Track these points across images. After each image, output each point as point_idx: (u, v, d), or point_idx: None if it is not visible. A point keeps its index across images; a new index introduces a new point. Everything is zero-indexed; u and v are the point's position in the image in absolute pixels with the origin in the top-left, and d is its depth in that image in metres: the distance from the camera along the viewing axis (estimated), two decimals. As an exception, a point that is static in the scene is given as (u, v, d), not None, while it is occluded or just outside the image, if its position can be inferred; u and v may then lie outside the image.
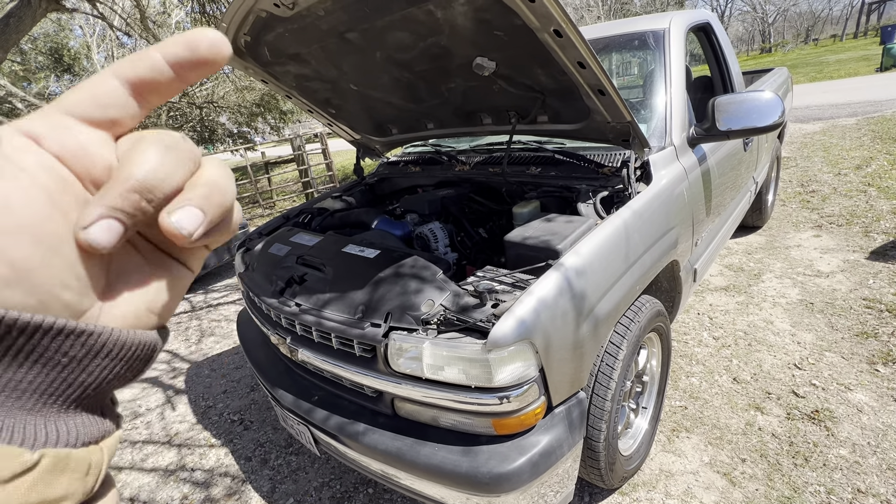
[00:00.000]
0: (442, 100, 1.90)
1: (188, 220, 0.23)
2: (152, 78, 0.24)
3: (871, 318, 2.51)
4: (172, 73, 0.24)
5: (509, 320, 1.14)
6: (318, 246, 1.77)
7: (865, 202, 3.98)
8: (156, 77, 0.24)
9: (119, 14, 6.75)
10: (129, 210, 0.22)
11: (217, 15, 5.53)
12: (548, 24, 1.18)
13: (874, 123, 6.56)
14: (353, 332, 1.34)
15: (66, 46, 12.40)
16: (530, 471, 1.21)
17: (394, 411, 1.42)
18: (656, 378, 1.93)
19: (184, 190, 0.24)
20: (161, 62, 0.23)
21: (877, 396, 2.01)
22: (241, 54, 1.81)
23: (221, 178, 0.25)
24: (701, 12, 2.56)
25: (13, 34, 3.84)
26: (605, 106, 1.48)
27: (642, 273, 1.55)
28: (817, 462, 1.76)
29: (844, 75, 13.08)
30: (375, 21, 1.45)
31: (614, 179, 1.69)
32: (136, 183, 0.22)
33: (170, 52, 0.24)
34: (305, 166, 8.14)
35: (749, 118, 1.77)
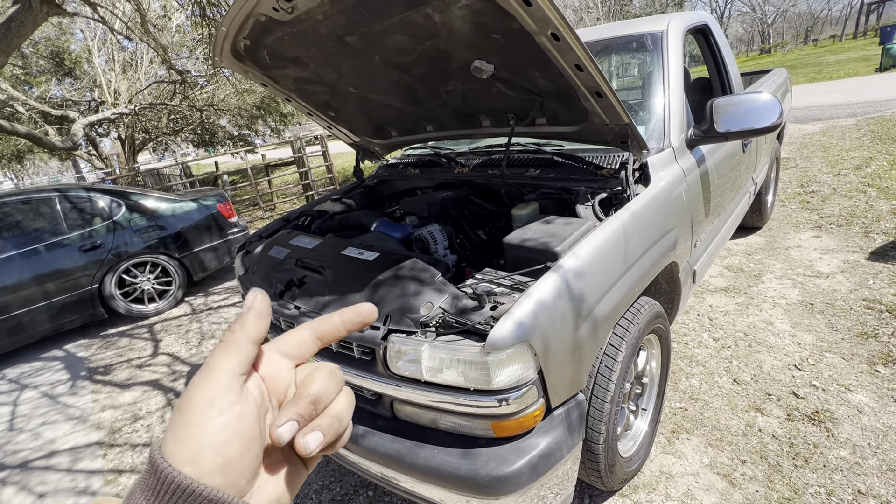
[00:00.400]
0: (441, 102, 1.90)
1: (314, 441, 0.32)
2: (332, 333, 0.37)
3: (871, 319, 2.50)
4: (345, 329, 0.38)
5: (508, 322, 1.14)
6: (317, 248, 1.77)
7: (865, 202, 3.98)
8: (335, 333, 0.37)
9: (120, 18, 6.77)
10: (305, 415, 0.32)
11: (217, 18, 5.54)
12: (545, 28, 1.19)
13: (874, 124, 6.56)
14: (353, 334, 1.35)
15: (67, 50, 12.42)
16: (529, 473, 1.21)
17: (393, 414, 1.42)
18: (656, 380, 1.93)
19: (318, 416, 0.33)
20: (340, 325, 0.37)
21: (877, 397, 2.01)
22: (241, 58, 1.81)
23: (344, 410, 0.35)
24: (699, 14, 2.56)
25: (14, 38, 3.85)
26: (602, 108, 1.48)
27: (641, 274, 1.55)
28: (818, 463, 1.76)
29: (844, 76, 13.09)
30: (374, 24, 1.45)
31: (613, 181, 1.69)
32: (312, 397, 0.33)
33: (346, 318, 0.38)
34: (305, 169, 8.15)
35: (747, 120, 1.78)
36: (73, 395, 3.32)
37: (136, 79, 11.83)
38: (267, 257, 1.93)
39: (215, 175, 12.12)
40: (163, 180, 11.23)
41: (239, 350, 0.32)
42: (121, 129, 11.70)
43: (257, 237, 2.23)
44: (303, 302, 1.56)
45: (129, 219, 4.31)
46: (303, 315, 1.51)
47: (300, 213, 2.36)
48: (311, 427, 0.32)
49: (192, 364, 3.39)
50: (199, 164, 21.84)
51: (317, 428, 0.32)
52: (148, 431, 2.70)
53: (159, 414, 2.85)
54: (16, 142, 13.36)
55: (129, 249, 4.23)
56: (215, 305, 4.44)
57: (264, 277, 1.83)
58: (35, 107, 9.83)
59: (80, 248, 4.04)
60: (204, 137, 15.04)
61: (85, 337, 4.31)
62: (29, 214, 4.04)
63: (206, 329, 3.94)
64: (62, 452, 2.69)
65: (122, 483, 2.33)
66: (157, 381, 3.26)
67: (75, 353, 4.01)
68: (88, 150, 12.03)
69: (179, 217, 4.54)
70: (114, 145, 13.34)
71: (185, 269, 4.57)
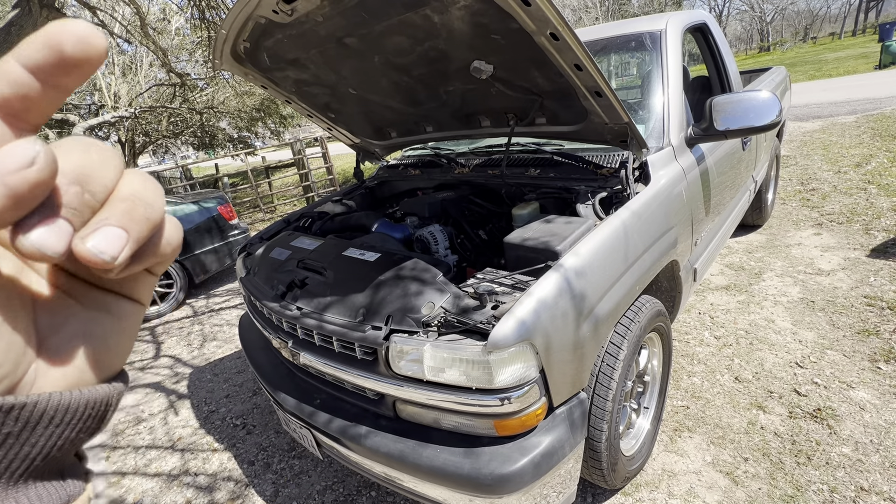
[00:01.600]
0: (440, 103, 1.91)
1: (107, 242, 0.20)
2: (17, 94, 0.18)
3: (872, 316, 2.50)
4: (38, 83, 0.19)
5: (509, 322, 1.15)
6: (318, 250, 1.78)
7: (865, 200, 3.98)
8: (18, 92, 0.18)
9: (119, 21, 6.78)
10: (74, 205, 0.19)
11: (216, 21, 5.56)
12: (544, 28, 1.19)
13: (873, 121, 6.56)
14: (355, 334, 1.35)
15: (66, 54, 12.44)
16: (532, 472, 1.21)
17: (395, 414, 1.43)
18: (658, 378, 1.93)
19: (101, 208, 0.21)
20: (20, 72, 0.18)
21: (879, 394, 2.01)
22: (241, 60, 1.82)
23: (145, 189, 0.22)
24: (698, 13, 2.57)
25: (14, 42, 3.87)
26: (602, 107, 1.48)
27: (642, 273, 1.56)
28: (820, 460, 1.76)
29: (843, 73, 13.08)
30: (373, 26, 1.46)
31: (613, 180, 1.69)
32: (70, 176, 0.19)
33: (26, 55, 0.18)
34: (306, 170, 8.16)
35: (746, 118, 1.78)
36: (76, 397, 3.32)
37: (136, 82, 11.85)
38: (268, 259, 1.93)
39: (216, 177, 12.13)
40: (163, 183, 11.25)
41: None
42: (121, 132, 11.72)
43: (258, 239, 2.23)
44: (304, 303, 1.56)
45: (130, 222, 4.32)
46: (305, 316, 1.52)
47: (301, 215, 2.37)
48: (96, 222, 0.20)
49: (194, 366, 3.39)
50: (200, 166, 21.87)
51: (105, 222, 0.20)
52: (150, 434, 2.71)
53: (162, 416, 2.86)
54: (16, 146, 13.35)
55: (131, 252, 4.23)
56: (217, 307, 4.45)
57: (266, 279, 1.83)
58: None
59: (81, 251, 4.04)
60: (204, 140, 15.06)
61: (87, 340, 4.31)
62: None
63: (208, 331, 3.94)
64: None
65: (125, 485, 2.33)
66: (159, 383, 3.27)
67: (77, 356, 4.01)
68: (89, 154, 12.04)
69: (180, 219, 4.52)
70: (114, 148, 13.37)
71: (186, 271, 4.57)
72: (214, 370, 3.26)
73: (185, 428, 2.69)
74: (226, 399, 2.88)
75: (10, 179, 0.17)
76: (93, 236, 0.20)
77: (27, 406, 0.20)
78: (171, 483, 2.29)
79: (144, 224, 0.21)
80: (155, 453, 2.53)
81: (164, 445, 2.58)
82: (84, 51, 0.19)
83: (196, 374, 3.26)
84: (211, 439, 2.54)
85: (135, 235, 0.21)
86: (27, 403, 0.20)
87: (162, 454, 2.51)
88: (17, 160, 0.17)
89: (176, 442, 2.59)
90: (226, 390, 2.98)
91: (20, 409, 0.20)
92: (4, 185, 0.17)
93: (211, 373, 3.24)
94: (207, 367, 3.33)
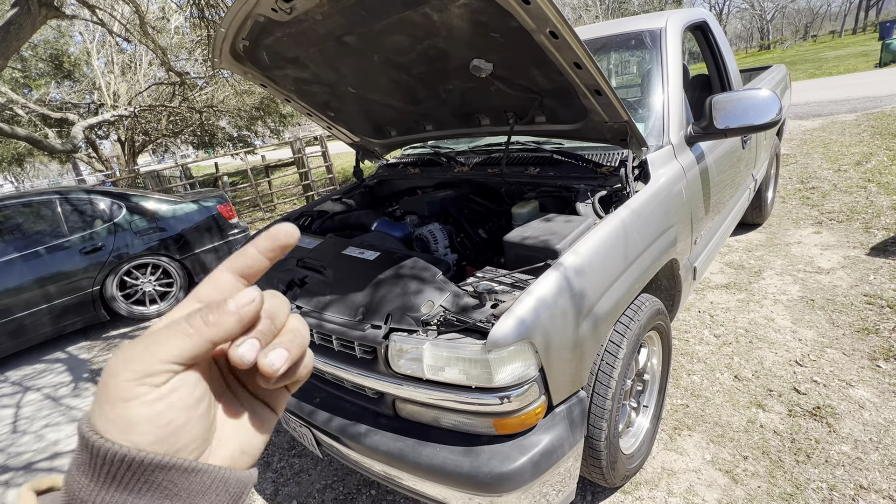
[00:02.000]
0: (440, 101, 1.90)
1: (277, 357, 0.30)
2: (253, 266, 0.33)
3: (871, 314, 2.51)
4: (265, 259, 0.33)
5: (509, 320, 1.15)
6: (318, 248, 1.78)
7: (865, 198, 3.98)
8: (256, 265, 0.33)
9: (118, 20, 6.77)
10: (265, 330, 0.30)
11: (216, 20, 5.55)
12: (543, 26, 1.19)
13: (874, 119, 6.55)
14: (354, 333, 1.35)
15: (66, 53, 12.43)
16: (532, 470, 1.21)
17: (395, 412, 1.43)
18: (657, 376, 1.94)
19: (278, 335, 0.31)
20: (257, 255, 0.33)
21: (878, 392, 2.01)
22: (240, 59, 1.82)
23: (302, 326, 0.33)
24: (697, 11, 2.57)
25: (13, 41, 3.86)
26: (601, 106, 1.48)
27: (641, 271, 1.56)
28: (819, 459, 1.76)
29: (843, 71, 13.07)
30: (373, 24, 1.46)
31: (612, 179, 1.69)
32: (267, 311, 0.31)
33: (261, 245, 0.33)
34: (305, 169, 8.16)
35: (746, 116, 1.78)
36: (76, 396, 3.33)
37: (136, 81, 11.84)
38: (268, 258, 1.93)
39: (215, 176, 12.13)
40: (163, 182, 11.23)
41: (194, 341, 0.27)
42: (120, 131, 11.72)
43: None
44: (304, 302, 1.56)
45: (129, 221, 4.32)
46: (304, 315, 1.52)
47: (301, 214, 2.37)
48: (273, 344, 0.30)
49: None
50: (199, 165, 21.85)
51: (279, 345, 0.30)
52: (151, 432, 2.71)
53: (162, 415, 2.86)
54: (16, 145, 13.38)
55: (130, 251, 4.24)
56: (217, 306, 4.45)
57: (265, 278, 1.83)
58: (35, 110, 9.84)
59: (81, 250, 4.04)
60: (204, 139, 15.05)
61: (87, 339, 4.32)
62: (30, 217, 4.04)
63: (208, 330, 3.94)
64: (65, 454, 2.69)
65: (126, 484, 2.34)
66: (159, 382, 3.27)
67: (77, 356, 4.01)
68: (88, 153, 12.04)
69: (180, 219, 4.55)
70: (114, 147, 13.36)
71: (186, 270, 4.57)
72: (214, 369, 3.26)
73: (185, 427, 2.69)
74: (226, 398, 2.88)
75: (243, 310, 0.29)
76: (270, 353, 0.30)
77: (207, 472, 0.27)
78: (171, 482, 2.29)
79: (298, 350, 0.32)
80: (155, 452, 2.53)
81: (164, 444, 2.58)
82: (288, 241, 0.33)
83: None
84: (211, 438, 2.54)
85: (292, 356, 0.31)
86: (207, 470, 0.27)
87: (162, 453, 2.51)
88: (248, 299, 0.30)
89: (176, 441, 2.59)
90: (226, 389, 2.98)
91: (204, 473, 0.27)
92: (240, 313, 0.29)
93: (211, 372, 3.24)
94: (207, 366, 3.33)
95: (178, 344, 0.27)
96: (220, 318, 0.28)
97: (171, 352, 0.27)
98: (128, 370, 0.26)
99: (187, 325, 0.28)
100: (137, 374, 0.26)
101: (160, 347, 0.27)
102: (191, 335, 0.27)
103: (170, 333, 0.27)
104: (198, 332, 0.27)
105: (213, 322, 0.28)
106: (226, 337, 0.28)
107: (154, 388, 0.26)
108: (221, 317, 0.28)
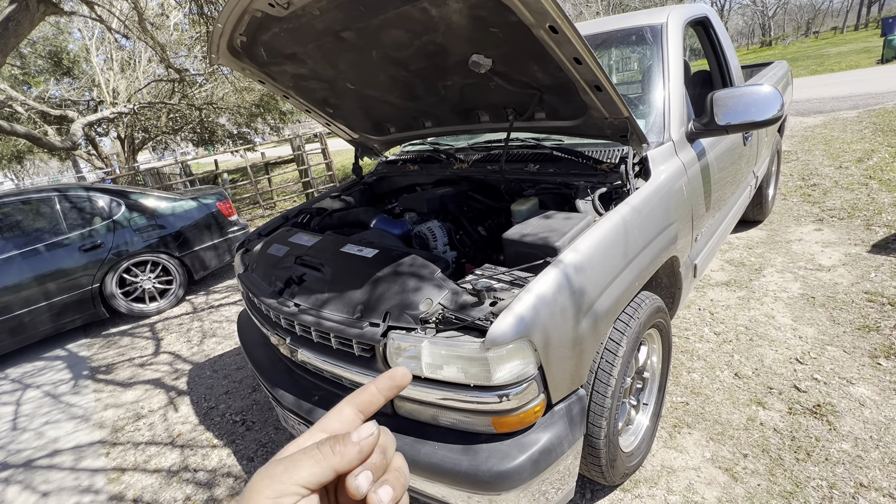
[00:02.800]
0: (439, 98, 1.89)
1: (386, 495, 0.32)
2: (373, 403, 0.38)
3: (872, 312, 2.50)
4: (383, 397, 0.38)
5: (507, 318, 1.14)
6: (316, 246, 1.77)
7: (867, 195, 3.97)
8: (375, 402, 0.38)
9: (117, 16, 6.74)
10: (378, 463, 0.33)
11: (215, 16, 5.52)
12: (543, 21, 1.18)
13: (875, 116, 6.52)
14: (352, 331, 1.34)
15: (65, 49, 12.38)
16: (531, 468, 1.21)
17: (393, 410, 1.42)
18: (657, 374, 1.93)
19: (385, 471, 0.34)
20: (378, 394, 0.38)
21: (879, 390, 2.00)
22: (238, 55, 1.80)
23: (405, 465, 0.36)
24: (699, 7, 2.55)
25: (12, 38, 3.84)
26: (602, 102, 1.47)
27: (641, 269, 1.55)
28: (819, 456, 1.76)
29: (845, 68, 13.01)
30: (371, 19, 1.44)
31: (612, 175, 1.68)
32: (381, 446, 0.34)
33: (382, 386, 0.39)
34: (305, 166, 8.15)
35: (748, 112, 1.76)
36: (76, 394, 3.33)
37: (135, 78, 11.80)
38: (266, 255, 1.93)
39: (215, 174, 12.11)
40: (163, 179, 11.22)
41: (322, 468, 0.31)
42: (120, 128, 11.69)
43: (257, 235, 2.22)
44: (302, 299, 1.56)
45: (129, 218, 4.31)
46: (302, 313, 1.51)
47: (299, 211, 2.36)
48: (382, 480, 0.33)
49: (194, 362, 3.39)
50: (199, 162, 21.83)
51: (386, 482, 0.33)
52: (150, 430, 2.71)
53: (161, 412, 2.86)
54: (15, 142, 13.35)
55: (130, 249, 4.23)
56: (216, 304, 4.44)
57: (264, 275, 1.83)
58: (34, 107, 9.82)
59: (80, 247, 4.04)
60: (203, 136, 15.01)
61: (87, 336, 4.32)
62: (29, 214, 4.04)
63: (208, 327, 3.94)
64: (65, 451, 2.69)
65: (125, 481, 2.34)
66: (158, 379, 3.27)
67: (77, 353, 4.02)
68: (88, 150, 12.02)
69: (179, 216, 4.54)
70: (113, 145, 13.33)
71: (185, 267, 4.57)
72: (214, 367, 3.27)
73: (184, 424, 2.69)
74: (225, 395, 2.88)
75: (364, 443, 0.33)
76: (380, 490, 0.32)
77: None
78: (170, 479, 2.29)
79: (401, 489, 0.34)
80: (154, 449, 2.53)
81: (163, 442, 2.58)
82: (404, 382, 0.39)
83: (195, 371, 3.26)
84: (210, 435, 2.54)
85: (396, 495, 0.33)
86: None
87: (161, 450, 2.51)
88: (367, 432, 0.34)
89: (175, 438, 2.59)
90: (225, 387, 2.98)
91: None
92: (360, 445, 0.33)
93: (210, 369, 3.24)
94: (207, 364, 3.33)
95: (310, 469, 0.31)
96: (344, 448, 0.32)
97: (303, 476, 0.31)
98: (269, 489, 0.30)
99: (318, 452, 0.32)
100: (275, 493, 0.30)
101: (296, 471, 0.31)
102: (320, 461, 0.31)
103: (304, 458, 0.31)
104: (326, 460, 0.31)
105: (338, 452, 0.32)
106: (348, 467, 0.32)
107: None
108: (346, 447, 0.32)
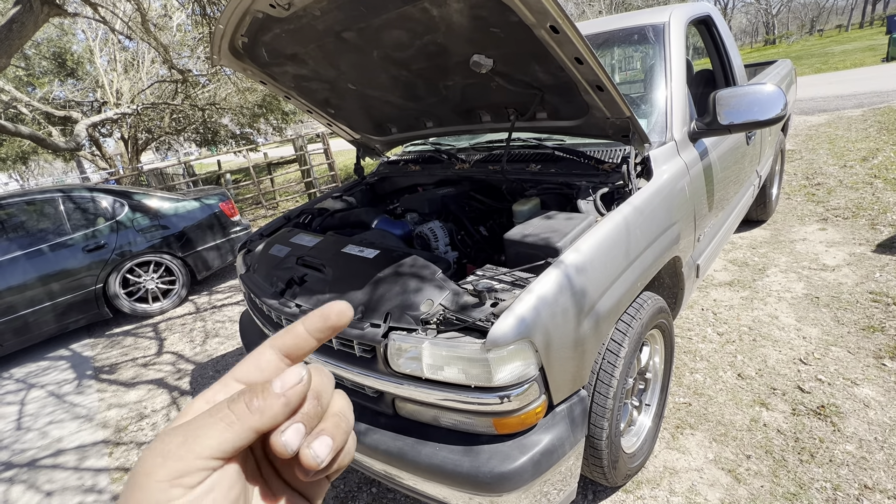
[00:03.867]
0: (440, 98, 1.89)
1: (322, 448, 0.27)
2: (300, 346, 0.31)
3: (877, 312, 2.48)
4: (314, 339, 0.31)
5: (508, 319, 1.14)
6: (317, 246, 1.77)
7: (872, 194, 3.94)
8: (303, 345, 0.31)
9: (120, 18, 6.77)
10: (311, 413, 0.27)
11: (217, 17, 5.53)
12: (544, 21, 1.17)
13: (880, 114, 6.48)
14: (353, 332, 1.34)
15: (68, 51, 12.44)
16: (532, 470, 1.20)
17: (395, 411, 1.42)
18: (659, 375, 1.92)
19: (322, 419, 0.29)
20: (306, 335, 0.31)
21: (884, 391, 1.99)
22: (239, 56, 1.81)
23: (347, 407, 0.31)
24: (701, 5, 2.53)
25: (16, 39, 3.86)
26: (603, 102, 1.46)
27: (644, 269, 1.54)
28: (823, 458, 1.75)
29: (850, 66, 12.93)
30: (371, 20, 1.44)
31: (614, 175, 1.68)
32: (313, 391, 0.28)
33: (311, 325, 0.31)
34: (308, 166, 8.16)
35: (751, 112, 1.75)
36: (80, 394, 3.34)
37: (139, 79, 11.84)
38: (268, 255, 1.93)
39: (218, 174, 12.15)
40: (166, 180, 11.28)
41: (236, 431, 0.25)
42: (124, 129, 11.74)
43: (258, 235, 2.23)
44: (303, 300, 1.56)
45: (132, 218, 4.33)
46: (303, 313, 1.51)
47: (301, 211, 2.36)
48: (316, 431, 0.27)
49: (197, 362, 3.40)
50: (202, 163, 21.91)
51: (322, 432, 0.27)
52: (153, 430, 2.72)
53: (164, 412, 2.87)
54: (20, 143, 13.44)
55: (133, 249, 4.25)
56: (219, 304, 4.46)
57: (265, 276, 1.83)
58: (38, 108, 9.87)
59: (83, 248, 4.06)
60: (206, 136, 15.06)
61: (90, 336, 4.34)
62: (33, 215, 4.06)
63: (211, 327, 3.95)
64: (69, 451, 2.71)
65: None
66: (162, 379, 3.28)
67: (81, 353, 4.03)
68: (92, 151, 12.09)
69: (182, 216, 4.55)
70: (117, 145, 13.39)
71: (188, 268, 4.58)
72: (217, 366, 3.27)
73: (187, 424, 2.70)
74: (228, 395, 2.88)
75: (290, 392, 0.27)
76: (314, 443, 0.27)
77: None
78: (173, 479, 2.30)
79: (343, 436, 0.29)
80: (157, 449, 2.54)
81: (166, 441, 2.59)
82: (340, 322, 0.31)
83: (198, 371, 3.27)
84: (213, 435, 2.55)
85: (337, 445, 0.28)
86: None
87: (164, 450, 2.52)
88: (293, 379, 0.27)
89: (178, 438, 2.59)
90: (228, 387, 2.98)
91: None
92: (287, 396, 0.26)
93: (213, 369, 3.25)
94: (210, 364, 3.34)
95: (219, 435, 0.25)
96: (264, 403, 0.26)
97: (210, 445, 0.24)
98: (163, 468, 0.23)
99: (229, 412, 0.25)
100: (172, 473, 0.23)
101: (199, 440, 0.24)
102: (232, 424, 0.25)
103: (210, 422, 0.25)
104: (240, 420, 0.25)
105: (257, 408, 0.25)
106: (271, 424, 0.26)
107: (188, 491, 0.23)
108: (266, 400, 0.26)
